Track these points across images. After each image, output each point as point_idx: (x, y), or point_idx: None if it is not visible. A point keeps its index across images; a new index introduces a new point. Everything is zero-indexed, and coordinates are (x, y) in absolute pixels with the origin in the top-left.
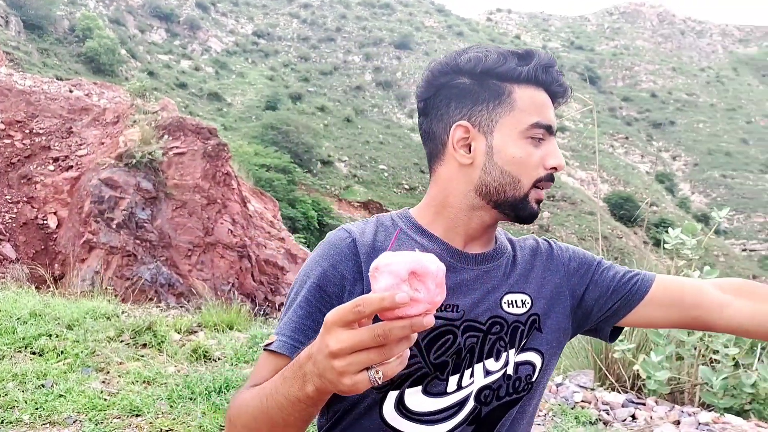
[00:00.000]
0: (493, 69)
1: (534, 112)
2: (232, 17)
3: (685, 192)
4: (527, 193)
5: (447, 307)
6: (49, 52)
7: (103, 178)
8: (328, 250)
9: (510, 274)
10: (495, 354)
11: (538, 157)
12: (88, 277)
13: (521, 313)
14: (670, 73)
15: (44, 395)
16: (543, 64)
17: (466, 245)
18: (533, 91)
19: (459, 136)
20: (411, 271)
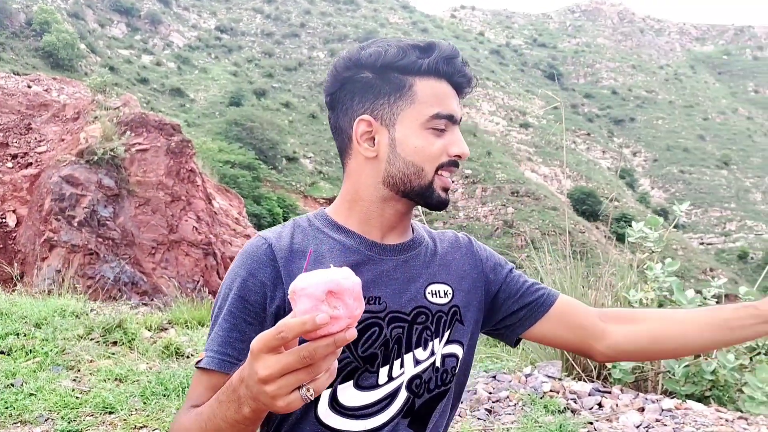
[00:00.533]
0: (393, 63)
1: (435, 103)
2: (194, 12)
3: (645, 187)
4: (431, 181)
5: (370, 299)
6: (5, 47)
7: (64, 175)
8: (245, 260)
9: (430, 264)
10: (423, 343)
11: (441, 146)
12: (50, 276)
13: (443, 303)
14: (630, 70)
15: (14, 394)
16: (444, 56)
17: (384, 236)
18: (434, 82)
19: (362, 130)
20: (327, 291)
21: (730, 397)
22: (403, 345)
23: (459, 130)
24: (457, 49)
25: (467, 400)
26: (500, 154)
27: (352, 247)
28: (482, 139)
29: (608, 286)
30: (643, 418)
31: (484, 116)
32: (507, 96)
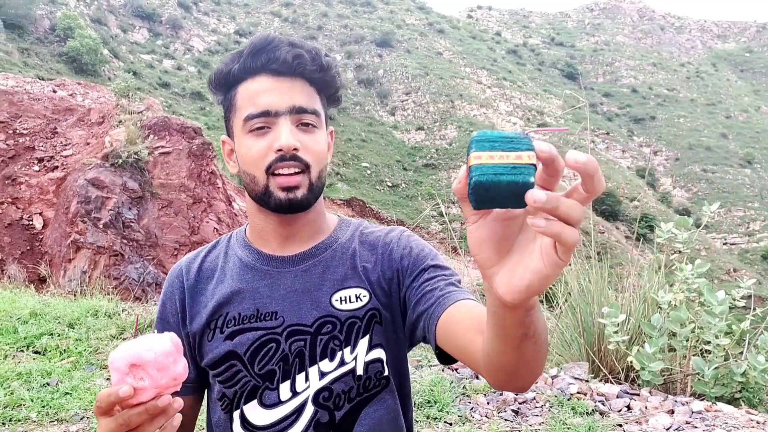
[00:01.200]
0: (219, 81)
1: (247, 104)
2: (214, 16)
3: (666, 187)
4: (266, 185)
5: (266, 315)
6: (30, 52)
7: (90, 178)
8: (165, 286)
9: (336, 269)
10: (329, 354)
11: (264, 147)
12: (76, 276)
13: (356, 308)
14: (650, 68)
15: (50, 393)
16: (251, 51)
17: (282, 247)
18: (249, 83)
19: (226, 150)
20: (130, 364)
21: (761, 399)
22: (306, 358)
23: (287, 123)
24: (272, 36)
25: (493, 401)
26: None
27: (249, 263)
28: None
29: (635, 288)
30: (672, 421)
31: (501, 116)
32: (524, 96)
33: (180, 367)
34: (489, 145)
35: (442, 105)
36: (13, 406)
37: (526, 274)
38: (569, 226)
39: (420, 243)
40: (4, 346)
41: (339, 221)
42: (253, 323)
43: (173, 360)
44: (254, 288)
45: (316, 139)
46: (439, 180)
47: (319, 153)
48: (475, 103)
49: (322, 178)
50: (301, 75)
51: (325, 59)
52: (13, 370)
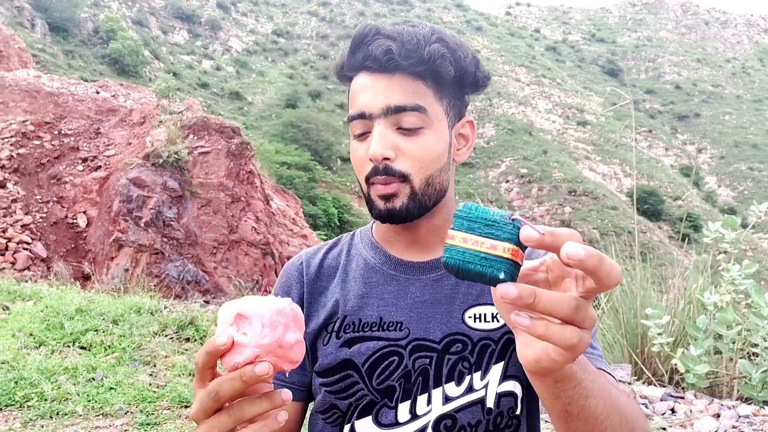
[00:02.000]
0: (337, 75)
1: (350, 105)
2: (252, 17)
3: (711, 185)
4: (368, 193)
5: (390, 324)
6: (74, 54)
7: (131, 177)
8: (281, 278)
9: (471, 283)
10: (457, 377)
11: (363, 154)
12: (118, 274)
13: (492, 329)
14: (694, 64)
15: (95, 388)
16: (351, 47)
17: (409, 252)
18: (354, 81)
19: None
20: (237, 314)
21: None
22: (431, 378)
23: (381, 127)
24: (366, 27)
25: None
26: (557, 152)
27: (375, 266)
28: (538, 137)
29: (680, 289)
30: (719, 425)
31: (539, 114)
32: (564, 93)
33: (291, 337)
34: (467, 225)
35: (480, 103)
36: (60, 400)
37: (537, 348)
38: (562, 323)
39: None
40: (52, 342)
41: None
42: (375, 332)
43: (285, 324)
44: (379, 293)
45: (420, 143)
46: (477, 179)
47: (423, 158)
48: (514, 101)
49: (433, 185)
50: (398, 70)
51: (429, 48)
52: (61, 365)
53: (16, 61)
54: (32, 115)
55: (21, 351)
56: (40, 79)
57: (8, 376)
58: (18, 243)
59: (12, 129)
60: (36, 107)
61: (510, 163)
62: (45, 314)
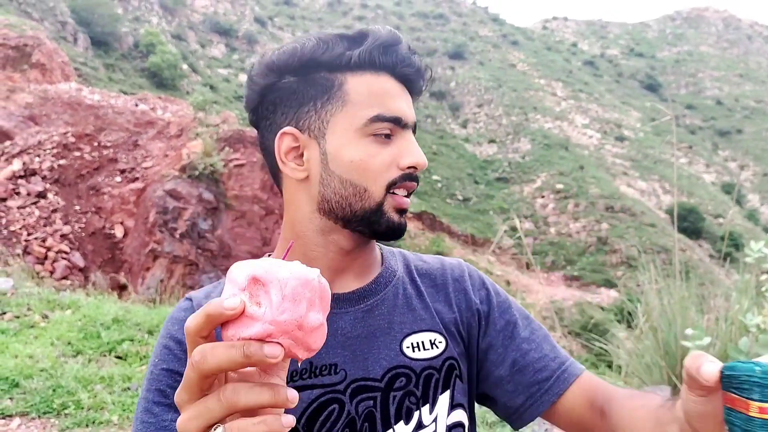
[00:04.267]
0: (313, 59)
1: (373, 103)
2: (288, 31)
3: (753, 203)
4: (381, 203)
5: (323, 368)
6: (115, 68)
7: (168, 189)
8: (170, 327)
9: (404, 308)
10: (405, 415)
11: (388, 157)
12: (153, 284)
13: (433, 357)
14: (736, 79)
15: (130, 398)
16: (380, 43)
17: (335, 282)
18: (371, 78)
19: (287, 146)
20: (253, 277)
21: None
22: (378, 421)
23: (412, 135)
24: (399, 34)
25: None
26: (594, 168)
27: None
28: (574, 152)
29: (722, 310)
30: None
31: (576, 129)
32: (601, 108)
33: (314, 318)
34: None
35: (515, 117)
36: (96, 408)
37: None
38: None
39: (491, 283)
40: (89, 350)
41: (381, 249)
42: (307, 380)
43: (310, 300)
44: None
45: None
46: (512, 194)
47: None
48: (550, 115)
49: None
50: (416, 91)
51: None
52: (97, 374)
53: (59, 74)
54: (73, 127)
55: (59, 359)
56: (81, 91)
57: (46, 383)
58: (57, 252)
59: (54, 140)
60: (77, 119)
61: (546, 178)
62: (83, 323)
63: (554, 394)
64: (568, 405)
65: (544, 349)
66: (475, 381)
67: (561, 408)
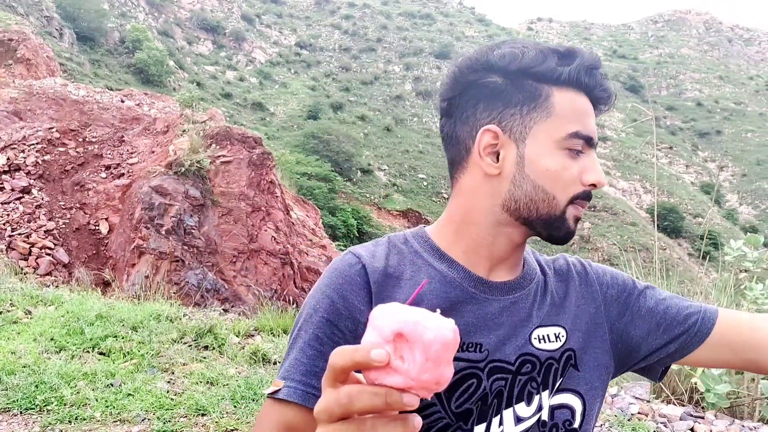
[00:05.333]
0: (530, 68)
1: (574, 119)
2: (276, 29)
3: (732, 203)
4: (564, 211)
5: (470, 346)
6: (101, 63)
7: (154, 185)
8: (336, 279)
9: (540, 304)
10: (526, 397)
11: (576, 172)
12: (138, 281)
13: (554, 349)
14: (716, 81)
15: (113, 394)
16: (587, 65)
17: (491, 271)
18: (574, 95)
19: (486, 142)
20: (398, 332)
21: None
22: (504, 399)
23: (595, 155)
24: (599, 59)
25: None
26: None
27: (455, 282)
28: None
29: None
30: None
31: None
32: None
33: (449, 372)
34: None
35: None
36: (79, 405)
37: None
38: None
39: (610, 270)
40: (72, 347)
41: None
42: (457, 353)
43: (448, 359)
44: (459, 312)
45: None
46: None
47: None
48: None
49: None
50: (599, 111)
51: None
52: (80, 370)
53: (44, 69)
54: (58, 123)
55: (42, 355)
56: (66, 87)
57: (29, 379)
58: (41, 248)
59: (38, 136)
60: (62, 115)
61: None
62: (66, 319)
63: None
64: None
65: (679, 304)
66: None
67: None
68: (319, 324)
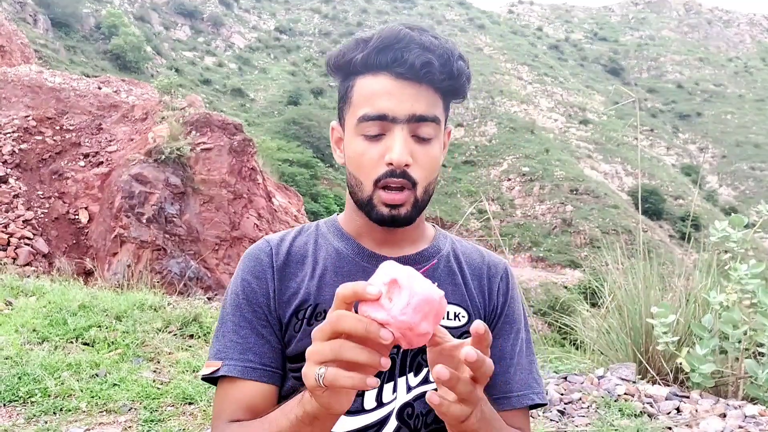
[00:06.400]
0: (336, 64)
1: (363, 103)
2: (254, 13)
3: (712, 185)
4: (371, 196)
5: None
6: (76, 50)
7: (134, 173)
8: (248, 263)
9: (443, 283)
10: (416, 368)
11: (376, 154)
12: (120, 270)
13: (453, 327)
14: (696, 63)
15: (99, 384)
16: (378, 46)
17: (381, 247)
18: (370, 79)
19: (335, 137)
20: (394, 278)
21: None
22: (397, 367)
23: (403, 133)
24: (406, 32)
25: None
26: (559, 151)
27: (348, 256)
28: (540, 136)
29: (685, 288)
30: (725, 425)
31: (542, 113)
32: (566, 92)
33: (423, 327)
34: None
35: (482, 101)
36: (64, 396)
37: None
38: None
39: (519, 298)
40: (55, 337)
41: (437, 231)
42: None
43: (426, 313)
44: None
45: (430, 153)
46: (479, 177)
47: (431, 168)
48: (516, 99)
49: (429, 192)
50: (428, 82)
51: (457, 65)
52: (63, 361)
53: (18, 56)
54: (34, 111)
55: (24, 347)
56: (42, 74)
57: (12, 371)
58: (20, 238)
59: (14, 124)
60: (38, 102)
61: (512, 161)
62: (48, 310)
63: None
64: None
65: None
66: None
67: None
68: (242, 305)
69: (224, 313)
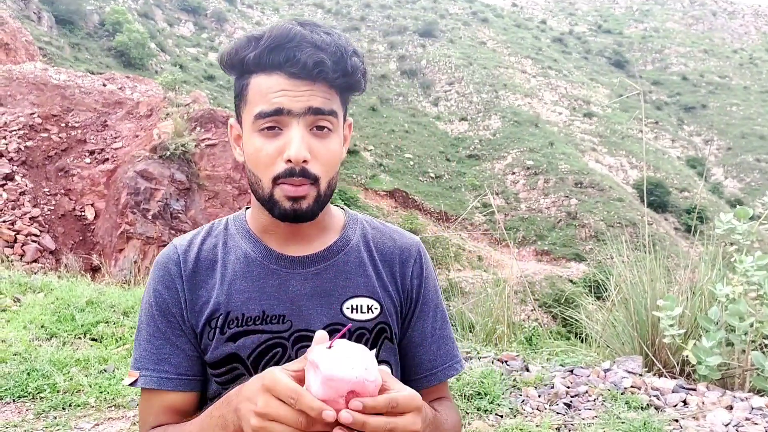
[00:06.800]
0: (230, 62)
1: (258, 101)
2: (257, 9)
3: (717, 177)
4: (271, 193)
5: (272, 318)
6: (81, 47)
7: (139, 170)
8: (158, 272)
9: (352, 275)
10: None
11: (274, 150)
12: (126, 266)
13: (366, 320)
14: (701, 55)
15: (107, 379)
16: (269, 45)
17: (287, 246)
18: (264, 77)
19: (233, 134)
20: (351, 390)
21: None
22: None
23: (300, 128)
24: (296, 30)
25: (545, 394)
26: (563, 144)
27: (256, 260)
28: (544, 129)
29: (690, 281)
30: (732, 417)
31: (546, 106)
32: (570, 85)
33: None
34: None
35: (486, 95)
36: (73, 391)
37: None
38: None
39: (433, 274)
40: (63, 333)
41: (346, 218)
42: (259, 325)
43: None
44: (261, 287)
45: (329, 146)
46: (483, 171)
47: (331, 162)
48: (520, 92)
49: (331, 186)
50: (321, 81)
51: (351, 62)
52: (72, 357)
53: (23, 54)
54: (40, 108)
55: (33, 343)
56: (47, 71)
57: (21, 367)
58: (26, 235)
59: (20, 122)
60: (43, 100)
61: (516, 155)
62: (56, 306)
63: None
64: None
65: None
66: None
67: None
68: (155, 316)
69: (140, 322)
